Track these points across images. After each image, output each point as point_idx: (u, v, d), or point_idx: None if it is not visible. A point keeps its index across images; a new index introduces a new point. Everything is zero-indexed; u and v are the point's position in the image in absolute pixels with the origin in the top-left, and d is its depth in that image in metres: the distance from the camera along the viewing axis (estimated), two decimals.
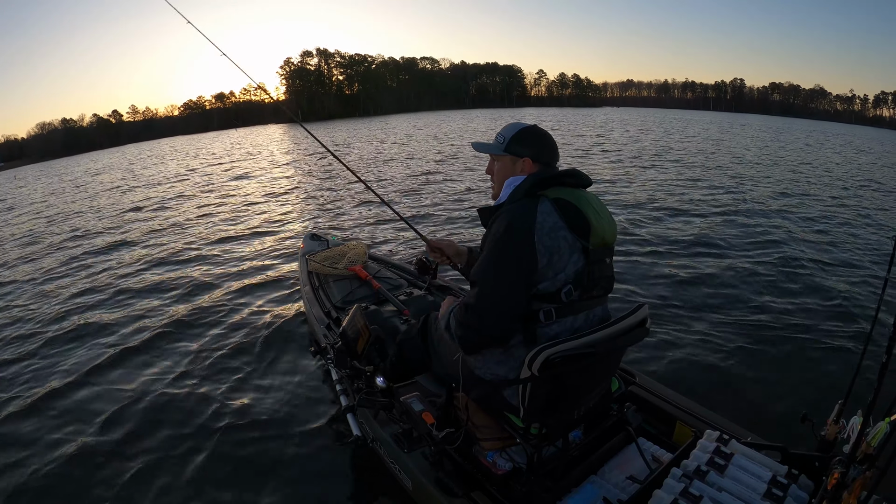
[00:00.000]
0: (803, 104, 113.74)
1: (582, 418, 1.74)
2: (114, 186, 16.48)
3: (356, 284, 3.54)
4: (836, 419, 1.57)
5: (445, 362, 1.97)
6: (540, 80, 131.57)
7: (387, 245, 6.39)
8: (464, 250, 2.19)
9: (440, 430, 1.86)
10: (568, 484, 1.77)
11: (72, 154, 65.85)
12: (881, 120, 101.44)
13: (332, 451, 2.61)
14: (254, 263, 5.98)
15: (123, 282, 5.74)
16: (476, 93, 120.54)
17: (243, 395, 3.18)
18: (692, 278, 4.94)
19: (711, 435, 1.74)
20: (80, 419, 3.07)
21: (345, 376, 2.46)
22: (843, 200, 9.58)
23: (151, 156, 32.20)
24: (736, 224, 7.29)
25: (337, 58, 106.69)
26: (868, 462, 1.23)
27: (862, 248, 6.24)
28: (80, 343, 4.15)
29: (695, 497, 1.44)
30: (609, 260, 1.63)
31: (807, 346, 3.58)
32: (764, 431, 1.93)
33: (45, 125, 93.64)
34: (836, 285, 4.82)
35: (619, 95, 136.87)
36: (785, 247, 6.08)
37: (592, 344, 1.44)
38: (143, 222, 9.34)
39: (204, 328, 4.20)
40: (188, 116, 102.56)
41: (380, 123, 47.68)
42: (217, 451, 2.68)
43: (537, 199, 1.52)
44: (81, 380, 3.52)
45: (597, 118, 46.50)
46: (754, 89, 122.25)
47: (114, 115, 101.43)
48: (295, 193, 11.21)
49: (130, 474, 2.54)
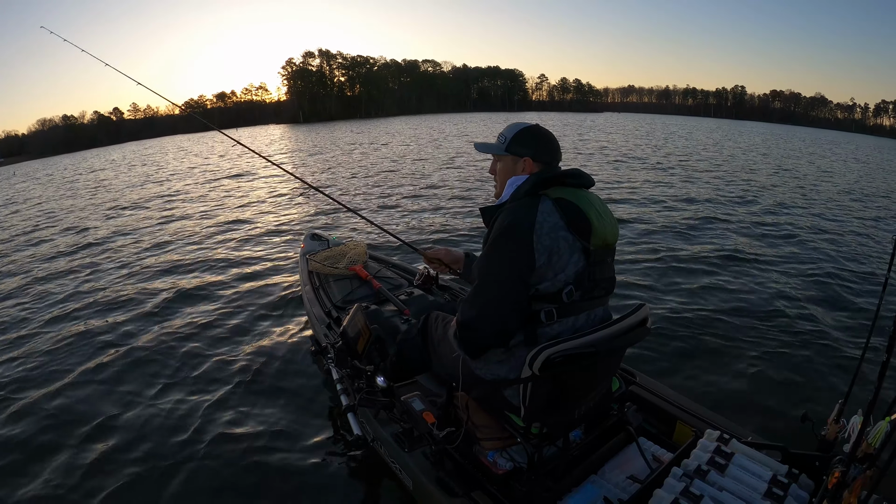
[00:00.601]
0: (804, 112, 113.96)
1: (582, 418, 1.74)
2: (109, 185, 16.47)
3: (356, 284, 3.54)
4: (837, 419, 1.57)
5: (446, 362, 1.97)
6: (541, 85, 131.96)
7: (385, 247, 6.40)
8: (460, 256, 2.23)
9: (441, 430, 1.87)
10: (568, 483, 1.77)
11: (72, 151, 65.70)
12: (881, 129, 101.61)
13: (333, 450, 2.61)
14: (254, 263, 5.98)
15: (123, 280, 5.74)
16: (477, 96, 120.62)
17: (243, 395, 3.18)
18: (692, 278, 4.95)
19: (712, 434, 1.75)
20: (79, 419, 3.06)
21: (345, 376, 2.46)
22: (844, 201, 9.61)
23: (154, 153, 32.20)
24: (736, 224, 7.32)
25: (339, 59, 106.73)
26: (868, 461, 1.23)
27: (862, 249, 6.27)
28: (80, 343, 4.14)
29: (695, 496, 1.44)
30: (610, 261, 1.63)
31: (807, 346, 3.59)
32: (764, 431, 1.94)
33: (45, 121, 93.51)
34: (835, 285, 4.84)
35: (620, 101, 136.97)
36: (785, 247, 6.11)
37: (593, 343, 1.45)
38: (143, 222, 9.34)
39: (204, 328, 4.19)
40: (189, 115, 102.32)
41: (382, 126, 47.69)
42: (217, 451, 2.67)
43: (538, 199, 1.53)
44: (82, 379, 3.52)
45: (604, 123, 46.54)
46: (755, 96, 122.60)
47: (115, 112, 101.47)
48: (295, 193, 11.23)
49: (129, 474, 2.54)
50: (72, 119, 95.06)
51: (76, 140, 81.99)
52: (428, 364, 2.21)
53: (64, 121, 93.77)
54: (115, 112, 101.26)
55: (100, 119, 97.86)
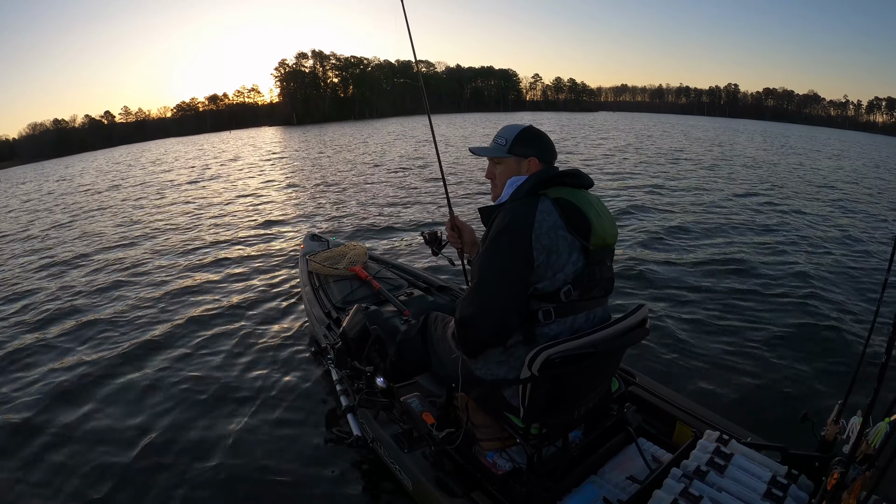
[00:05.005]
0: (797, 109, 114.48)
1: (582, 418, 1.74)
2: (105, 188, 16.40)
3: (356, 285, 3.54)
4: (836, 419, 1.57)
5: (445, 362, 1.97)
6: (535, 84, 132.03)
7: (385, 245, 6.40)
8: (478, 242, 2.17)
9: (440, 431, 1.87)
10: (568, 484, 1.77)
11: (63, 155, 65.14)
12: (874, 126, 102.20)
13: (333, 451, 2.60)
14: (254, 264, 5.98)
15: (122, 279, 5.73)
16: (471, 96, 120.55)
17: (243, 396, 3.18)
18: (691, 279, 4.97)
19: (711, 435, 1.75)
20: (79, 419, 3.05)
21: (345, 376, 2.46)
22: (844, 201, 9.67)
23: (147, 154, 32.08)
24: (737, 224, 7.35)
25: (332, 59, 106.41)
26: (868, 462, 1.23)
27: (862, 248, 6.30)
28: (79, 341, 4.14)
29: (695, 497, 1.44)
30: (609, 261, 1.63)
31: (807, 346, 3.61)
32: (764, 431, 1.94)
33: (36, 125, 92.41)
34: (835, 285, 4.86)
35: (613, 100, 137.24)
36: (785, 247, 6.14)
37: (593, 344, 1.45)
38: (142, 222, 9.30)
39: (203, 328, 4.19)
40: (181, 118, 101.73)
41: (376, 127, 47.64)
42: (215, 452, 2.66)
43: (538, 198, 1.53)
44: (83, 379, 3.51)
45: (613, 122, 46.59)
46: (748, 94, 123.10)
47: (106, 116, 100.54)
48: (294, 193, 11.22)
49: (127, 473, 2.54)
50: (63, 123, 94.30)
51: (67, 144, 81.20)
52: (427, 364, 2.20)
53: (55, 125, 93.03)
54: (106, 115, 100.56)
55: (91, 123, 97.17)
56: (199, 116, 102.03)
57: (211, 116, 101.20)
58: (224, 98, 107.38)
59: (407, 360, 2.23)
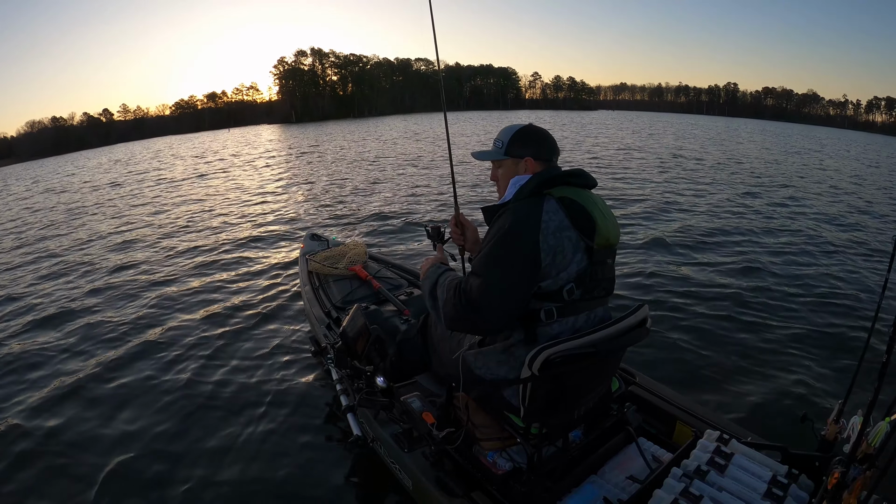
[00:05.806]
0: (796, 109, 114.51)
1: (582, 418, 1.74)
2: (104, 186, 16.37)
3: (356, 284, 3.53)
4: (836, 419, 1.58)
5: (445, 362, 1.96)
6: (535, 83, 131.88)
7: (385, 245, 6.40)
8: (479, 242, 2.13)
9: (440, 430, 1.87)
10: (568, 484, 1.77)
11: (62, 153, 64.94)
12: (873, 125, 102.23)
13: (333, 450, 2.61)
14: (253, 263, 5.97)
15: (122, 279, 5.72)
16: (470, 95, 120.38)
17: (243, 395, 3.18)
18: (691, 279, 4.97)
19: (711, 435, 1.75)
20: (78, 418, 3.05)
21: (345, 376, 2.46)
22: (844, 201, 9.69)
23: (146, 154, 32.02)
24: (736, 224, 7.36)
25: (331, 57, 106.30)
26: (868, 462, 1.23)
27: (862, 248, 6.31)
28: (77, 342, 4.13)
29: (695, 497, 1.44)
30: (611, 261, 1.63)
31: (807, 346, 3.61)
32: (764, 431, 1.94)
33: (34, 123, 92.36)
34: (835, 285, 4.86)
35: (612, 98, 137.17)
36: (785, 247, 6.14)
37: (593, 344, 1.45)
38: (142, 222, 9.29)
39: (203, 328, 4.18)
40: (179, 116, 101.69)
41: (375, 125, 47.52)
42: (216, 451, 2.66)
43: (542, 198, 1.52)
44: (82, 379, 3.50)
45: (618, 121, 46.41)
46: (748, 93, 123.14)
47: (104, 113, 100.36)
48: (294, 193, 11.21)
49: (127, 474, 2.53)
50: (61, 121, 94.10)
51: (66, 142, 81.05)
52: (427, 364, 2.20)
53: (53, 123, 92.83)
54: (104, 113, 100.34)
55: (89, 121, 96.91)
56: (198, 114, 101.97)
57: (209, 114, 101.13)
58: (223, 96, 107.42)
59: (407, 360, 2.23)
